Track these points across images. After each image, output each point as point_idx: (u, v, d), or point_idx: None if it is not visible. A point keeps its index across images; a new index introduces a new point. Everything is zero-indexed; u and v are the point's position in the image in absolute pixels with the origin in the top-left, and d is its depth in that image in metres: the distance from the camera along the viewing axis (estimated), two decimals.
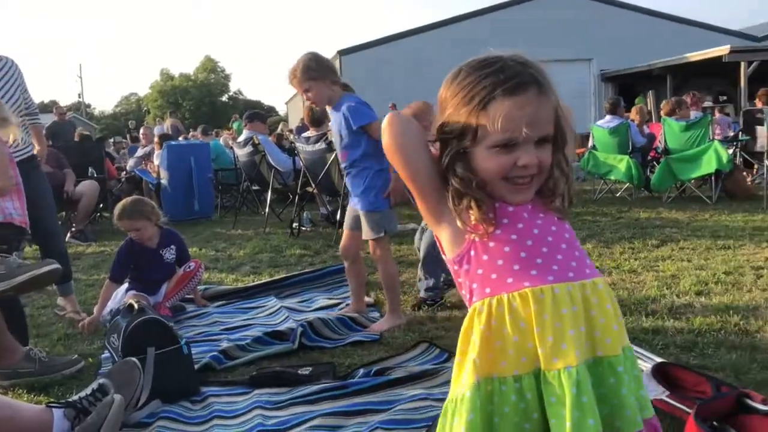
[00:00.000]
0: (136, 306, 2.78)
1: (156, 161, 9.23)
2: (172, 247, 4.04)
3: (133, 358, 2.46)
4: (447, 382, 2.60)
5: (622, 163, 7.69)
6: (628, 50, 20.99)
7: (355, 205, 3.45)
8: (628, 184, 8.07)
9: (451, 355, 2.88)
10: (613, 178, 8.09)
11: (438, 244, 1.35)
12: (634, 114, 8.97)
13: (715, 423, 2.01)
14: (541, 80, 1.21)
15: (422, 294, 3.78)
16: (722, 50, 15.66)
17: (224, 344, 3.16)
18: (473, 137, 1.20)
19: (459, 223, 1.25)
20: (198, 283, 4.12)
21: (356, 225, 3.47)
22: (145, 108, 53.16)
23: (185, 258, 4.10)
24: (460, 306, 3.69)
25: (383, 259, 3.45)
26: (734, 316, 3.14)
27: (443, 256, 1.34)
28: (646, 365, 2.42)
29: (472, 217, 1.23)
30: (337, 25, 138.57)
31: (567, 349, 1.14)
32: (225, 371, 2.92)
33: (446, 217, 1.28)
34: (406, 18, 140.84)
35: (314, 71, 3.21)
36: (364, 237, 3.44)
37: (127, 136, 18.05)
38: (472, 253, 1.25)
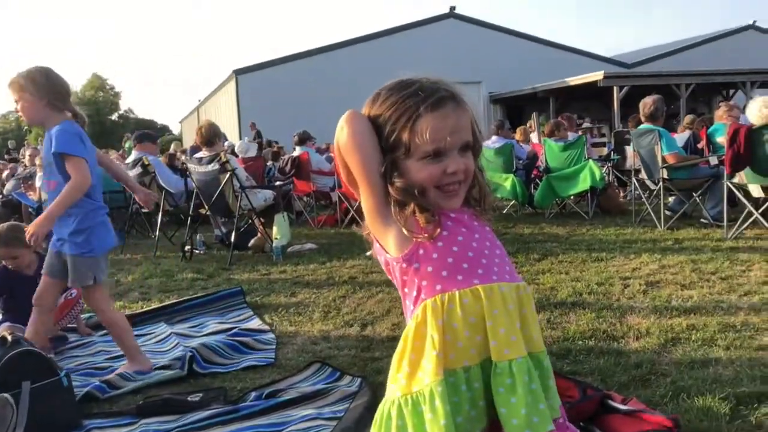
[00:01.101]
0: (9, 338, 2.63)
1: (38, 183, 8.69)
2: None
3: (6, 394, 2.33)
4: (339, 401, 2.66)
5: (507, 182, 8.11)
6: (515, 74, 22.19)
7: (59, 248, 3.04)
8: (513, 201, 8.50)
9: (344, 373, 2.93)
10: (499, 195, 8.49)
11: (378, 244, 1.40)
12: (518, 134, 9.51)
13: (581, 424, 2.18)
14: (457, 94, 1.35)
15: None
16: (597, 75, 16.91)
17: (108, 375, 3.04)
18: (406, 150, 1.31)
19: (404, 230, 1.32)
20: (80, 311, 3.94)
21: (57, 271, 3.07)
22: (26, 127, 49.87)
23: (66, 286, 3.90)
24: (352, 323, 3.77)
25: (100, 308, 3.15)
26: (603, 323, 3.41)
27: (385, 256, 1.38)
28: None
29: (421, 222, 1.31)
30: (234, 44, 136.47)
31: (516, 341, 1.25)
32: (110, 401, 2.82)
33: (393, 218, 1.34)
34: (304, 38, 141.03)
35: (33, 86, 2.88)
36: (70, 284, 3.10)
37: (5, 156, 16.89)
38: (421, 252, 1.31)
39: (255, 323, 3.91)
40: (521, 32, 25.66)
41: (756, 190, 5.51)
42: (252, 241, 6.55)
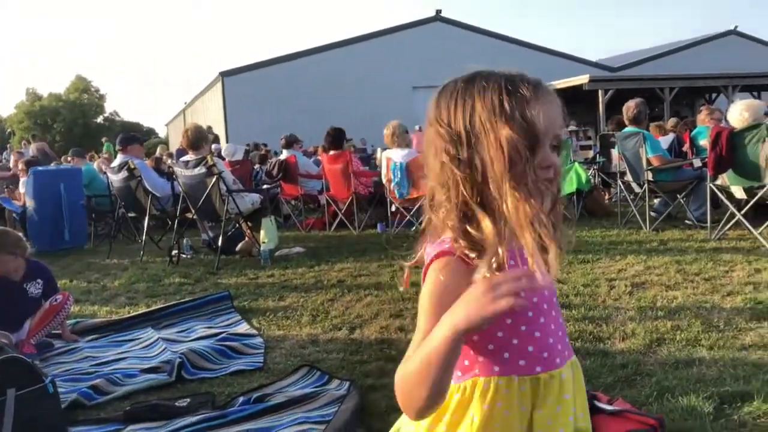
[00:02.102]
0: None
1: (22, 189, 8.63)
2: (39, 281, 3.81)
3: None
4: (328, 404, 2.67)
5: None
6: None
7: None
8: None
9: (332, 377, 2.94)
10: None
11: None
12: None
13: None
14: None
15: None
16: (582, 79, 17.05)
17: (95, 380, 3.03)
18: None
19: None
20: (66, 316, 3.91)
21: None
22: (9, 130, 49.31)
23: (52, 291, 3.88)
24: (341, 326, 3.77)
25: None
26: (590, 325, 3.44)
27: None
28: None
29: None
30: (221, 46, 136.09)
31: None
32: (97, 408, 2.81)
33: None
34: (292, 40, 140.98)
35: None
36: None
37: None
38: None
39: (243, 328, 3.91)
40: (507, 36, 25.85)
41: (738, 192, 5.58)
42: (239, 245, 6.53)
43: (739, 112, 5.54)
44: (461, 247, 1.04)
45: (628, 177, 6.80)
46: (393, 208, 7.63)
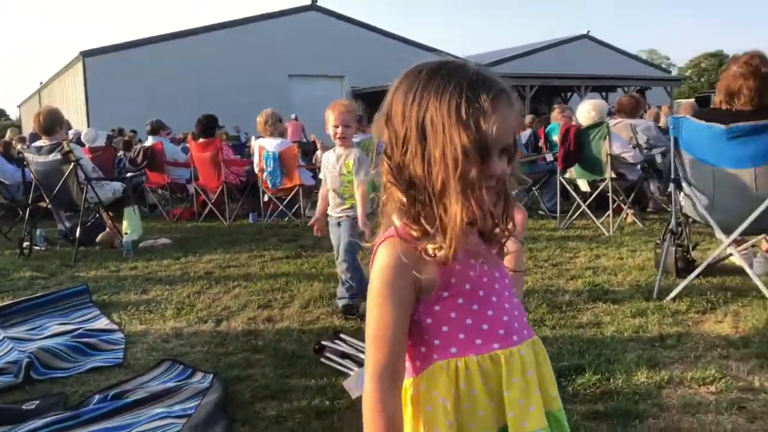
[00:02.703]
0: None
1: None
2: None
3: None
4: (190, 398, 2.64)
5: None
6: (376, 70, 22.62)
7: None
8: (373, 194, 8.72)
9: (195, 370, 2.91)
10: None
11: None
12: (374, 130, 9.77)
13: None
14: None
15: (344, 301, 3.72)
16: None
17: None
18: None
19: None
20: None
21: None
22: None
23: None
24: (207, 319, 3.72)
25: None
26: None
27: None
28: None
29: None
30: (82, 24, 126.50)
31: (535, 411, 1.12)
32: None
33: None
34: (162, 21, 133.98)
35: None
36: None
37: None
38: (437, 308, 1.11)
39: (102, 323, 3.74)
40: (383, 29, 26.24)
41: (583, 185, 6.11)
42: (100, 237, 6.20)
43: (586, 111, 6.06)
44: (410, 230, 1.07)
45: None
46: (266, 198, 7.56)
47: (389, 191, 1.10)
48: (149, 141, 8.74)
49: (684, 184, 3.73)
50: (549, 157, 6.77)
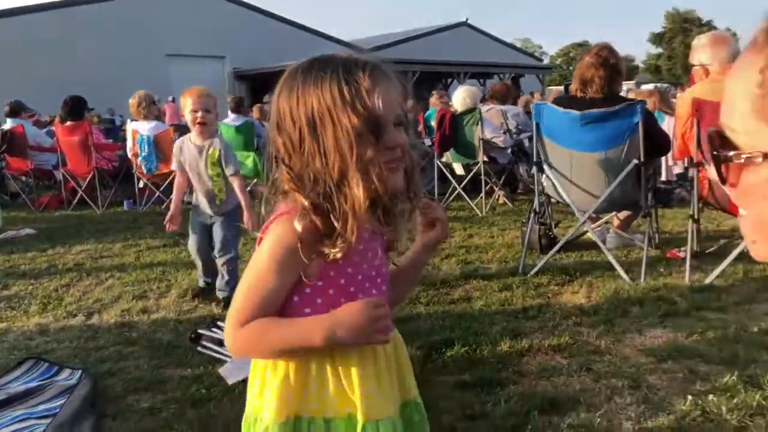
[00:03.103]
0: None
1: None
2: None
3: None
4: (56, 396, 2.53)
5: (249, 160, 8.18)
6: (260, 52, 22.14)
7: None
8: (256, 179, 8.61)
9: (63, 367, 2.78)
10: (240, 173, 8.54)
11: None
12: (256, 112, 9.63)
13: None
14: None
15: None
16: None
17: None
18: None
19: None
20: None
21: None
22: None
23: None
24: (76, 313, 3.55)
25: None
26: None
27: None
28: None
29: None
30: None
31: (383, 400, 1.16)
32: None
33: None
34: None
35: None
36: None
37: None
38: (308, 291, 1.14)
39: None
40: (266, 10, 25.67)
41: (459, 168, 6.38)
42: None
43: (461, 98, 6.31)
44: (309, 214, 1.07)
45: None
46: (141, 185, 7.25)
47: (293, 198, 1.10)
48: (8, 124, 8.09)
49: (545, 167, 4.01)
50: (427, 142, 6.98)
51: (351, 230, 1.06)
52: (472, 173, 6.19)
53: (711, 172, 0.68)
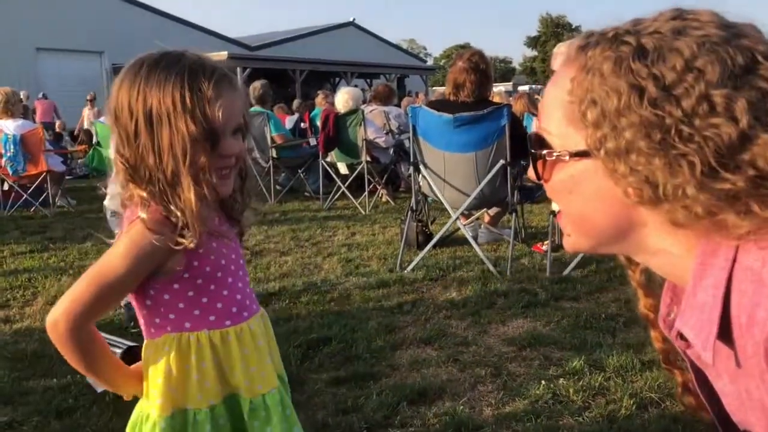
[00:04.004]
0: None
1: None
2: None
3: None
4: None
5: None
6: (142, 46, 21.08)
7: None
8: None
9: None
10: None
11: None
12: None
13: None
14: None
15: None
16: (221, 55, 17.29)
17: None
18: None
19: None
20: None
21: None
22: None
23: None
24: None
25: None
26: None
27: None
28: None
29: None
30: None
31: (267, 375, 1.23)
32: None
33: None
34: None
35: None
36: None
37: None
38: (176, 286, 1.17)
39: None
40: (146, 4, 24.57)
41: (343, 168, 6.47)
42: None
43: (343, 99, 6.40)
44: (165, 216, 1.10)
45: (256, 154, 7.26)
46: (6, 187, 6.77)
47: (131, 190, 1.12)
48: None
49: (421, 167, 4.17)
50: (312, 141, 7.03)
51: (192, 225, 1.10)
52: (356, 172, 6.31)
53: (529, 170, 0.77)
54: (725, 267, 0.63)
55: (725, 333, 0.64)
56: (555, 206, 0.87)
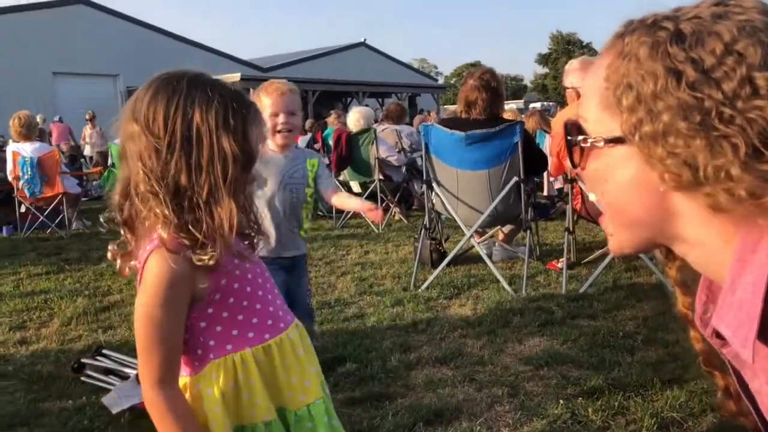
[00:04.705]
0: None
1: None
2: None
3: None
4: None
5: None
6: (156, 69, 21.46)
7: None
8: None
9: None
10: None
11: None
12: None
13: None
14: None
15: None
16: (234, 77, 17.52)
17: None
18: None
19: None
20: None
21: None
22: None
23: None
24: None
25: None
26: None
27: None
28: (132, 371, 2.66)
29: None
30: None
31: (311, 385, 1.23)
32: None
33: None
34: None
35: None
36: None
37: None
38: (210, 310, 1.17)
39: None
40: (160, 27, 24.99)
41: (356, 186, 6.49)
42: None
43: (355, 118, 6.44)
44: (181, 239, 1.09)
45: None
46: (23, 209, 6.84)
47: (149, 203, 1.10)
48: None
49: (434, 185, 4.17)
50: (326, 161, 7.05)
51: (219, 247, 1.10)
52: (368, 191, 6.31)
53: (566, 160, 0.77)
54: (766, 263, 0.61)
55: (764, 331, 0.62)
56: (592, 196, 0.88)
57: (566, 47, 55.30)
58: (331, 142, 7.51)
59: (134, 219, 1.14)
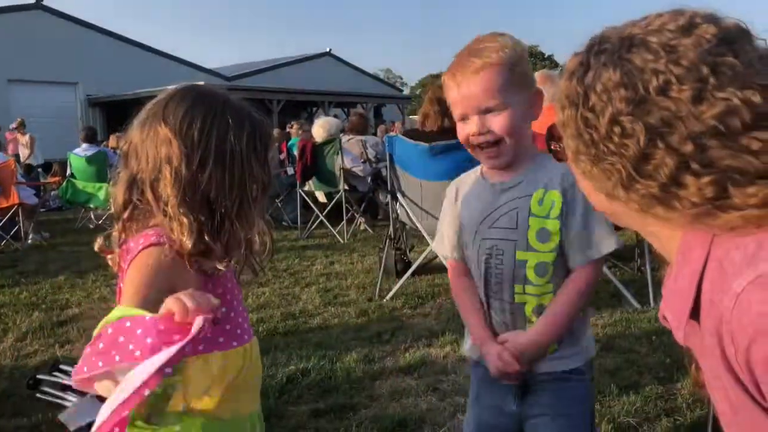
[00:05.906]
0: None
1: None
2: None
3: None
4: None
5: (101, 191, 7.75)
6: (116, 77, 21.11)
7: None
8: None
9: None
10: (92, 206, 8.08)
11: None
12: (113, 141, 9.19)
13: None
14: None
15: None
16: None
17: None
18: None
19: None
20: None
21: None
22: None
23: None
24: None
25: None
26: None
27: None
28: None
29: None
30: None
31: (254, 396, 1.27)
32: None
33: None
34: None
35: None
36: None
37: None
38: None
39: None
40: (121, 35, 24.56)
41: (321, 197, 6.48)
42: None
43: (320, 128, 6.43)
44: (199, 243, 1.10)
45: None
46: None
47: (174, 210, 1.09)
48: None
49: (399, 195, 4.20)
50: (290, 171, 7.04)
51: (232, 259, 1.16)
52: (334, 201, 6.31)
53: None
54: (700, 258, 0.70)
55: (698, 316, 0.70)
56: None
57: (529, 60, 56.18)
58: (295, 153, 7.50)
59: (133, 217, 1.15)
